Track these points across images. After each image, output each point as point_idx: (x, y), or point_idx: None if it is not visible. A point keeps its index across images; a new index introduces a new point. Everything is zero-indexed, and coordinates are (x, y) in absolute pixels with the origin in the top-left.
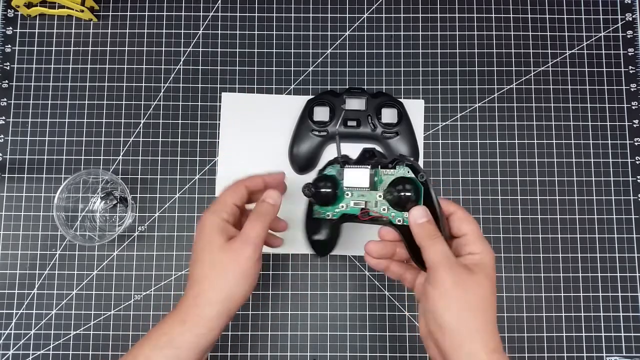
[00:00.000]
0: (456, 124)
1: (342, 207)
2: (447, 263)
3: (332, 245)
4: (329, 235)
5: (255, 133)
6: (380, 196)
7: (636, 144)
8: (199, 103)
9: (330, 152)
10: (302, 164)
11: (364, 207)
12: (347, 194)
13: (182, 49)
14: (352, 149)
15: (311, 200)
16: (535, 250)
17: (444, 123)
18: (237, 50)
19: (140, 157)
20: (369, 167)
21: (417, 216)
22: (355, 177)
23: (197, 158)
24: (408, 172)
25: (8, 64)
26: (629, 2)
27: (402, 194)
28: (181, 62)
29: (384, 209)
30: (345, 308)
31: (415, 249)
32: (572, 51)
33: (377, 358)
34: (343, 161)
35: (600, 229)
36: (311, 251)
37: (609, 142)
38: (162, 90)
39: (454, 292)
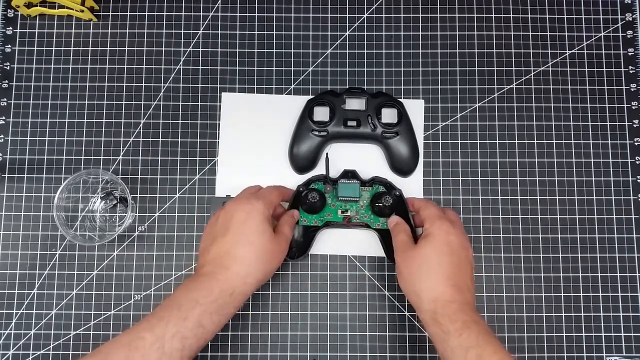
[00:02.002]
0: (456, 124)
1: (329, 215)
2: (400, 247)
3: (305, 249)
4: (304, 241)
5: (255, 133)
6: (362, 206)
7: (636, 144)
8: (199, 103)
9: (330, 153)
10: (302, 164)
11: (347, 215)
12: (332, 205)
13: (182, 49)
14: (353, 149)
15: (304, 206)
16: (535, 250)
17: (444, 123)
18: (237, 50)
19: (140, 157)
20: (359, 181)
21: (390, 221)
22: (348, 189)
23: (197, 158)
24: (383, 189)
25: (8, 64)
26: (629, 2)
27: (383, 204)
28: (181, 62)
29: (365, 217)
30: (345, 308)
31: (389, 248)
32: (572, 51)
33: (377, 358)
34: (326, 180)
35: (600, 229)
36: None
37: (609, 142)
38: (162, 90)
39: (402, 265)
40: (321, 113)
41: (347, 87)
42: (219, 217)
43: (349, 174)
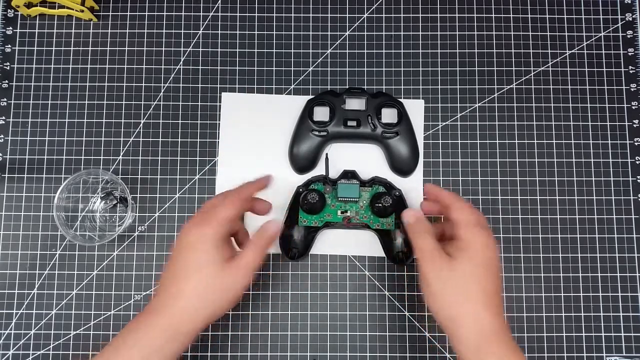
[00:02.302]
0: (456, 124)
1: (328, 216)
2: (429, 256)
3: (305, 250)
4: (304, 241)
5: (255, 133)
6: (361, 206)
7: (636, 144)
8: (199, 103)
9: (330, 153)
10: (302, 164)
11: (347, 215)
12: (332, 205)
13: (182, 49)
14: (352, 149)
15: (303, 207)
16: (535, 250)
17: (444, 123)
18: (237, 50)
19: (140, 157)
20: (359, 182)
21: (406, 215)
22: (347, 190)
23: (197, 158)
24: (382, 189)
25: (8, 64)
26: (629, 2)
27: (382, 204)
28: (181, 62)
29: (364, 217)
30: (345, 308)
31: (388, 248)
32: (572, 51)
33: (377, 358)
34: (326, 181)
35: (600, 229)
36: (285, 258)
37: (609, 142)
38: (162, 90)
39: (433, 280)
40: (321, 113)
41: (347, 87)
42: (175, 241)
43: (349, 174)
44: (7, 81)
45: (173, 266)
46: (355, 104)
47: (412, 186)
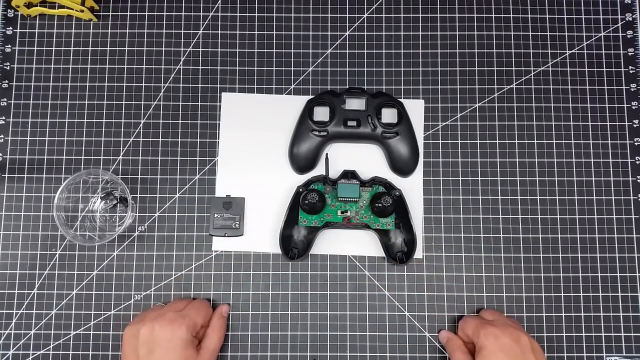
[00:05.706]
0: (456, 124)
1: (328, 216)
2: None
3: (305, 250)
4: (304, 241)
5: (255, 133)
6: (361, 206)
7: (636, 144)
8: (199, 103)
9: (330, 153)
10: (302, 164)
11: (347, 215)
12: (332, 205)
13: (182, 49)
14: (352, 149)
15: (303, 207)
16: (535, 250)
17: (444, 123)
18: (237, 50)
19: (140, 157)
20: (359, 182)
21: (441, 337)
22: (347, 190)
23: (197, 158)
24: (382, 189)
25: (8, 64)
26: (629, 2)
27: (382, 204)
28: (181, 62)
29: (364, 217)
30: (345, 308)
31: (388, 248)
32: (572, 51)
33: (377, 358)
34: (326, 181)
35: (600, 229)
36: (284, 258)
37: (609, 142)
38: (162, 90)
39: None
40: (321, 113)
41: (347, 87)
42: (139, 332)
43: (349, 174)
44: (7, 81)
45: (150, 353)
46: (355, 104)
47: (412, 186)
